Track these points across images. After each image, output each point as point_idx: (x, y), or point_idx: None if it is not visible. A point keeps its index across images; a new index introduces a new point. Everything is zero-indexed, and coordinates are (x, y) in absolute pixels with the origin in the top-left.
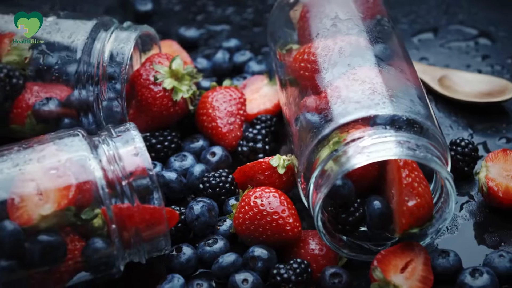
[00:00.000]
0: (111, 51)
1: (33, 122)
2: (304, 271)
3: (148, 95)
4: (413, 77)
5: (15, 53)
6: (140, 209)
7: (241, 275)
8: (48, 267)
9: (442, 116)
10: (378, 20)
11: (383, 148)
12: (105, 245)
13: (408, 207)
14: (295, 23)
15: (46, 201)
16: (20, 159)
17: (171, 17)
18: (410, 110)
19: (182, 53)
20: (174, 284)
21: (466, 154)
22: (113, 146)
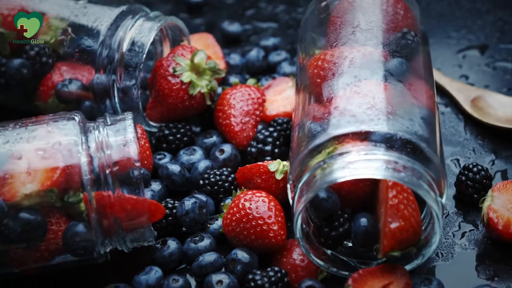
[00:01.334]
0: (132, 39)
1: (55, 101)
2: (280, 280)
3: (165, 86)
4: (425, 96)
5: (50, 33)
6: (121, 199)
7: (217, 276)
8: (26, 244)
9: (468, 138)
10: (403, 34)
11: (368, 165)
12: (85, 229)
13: (390, 229)
14: (324, 29)
15: (32, 181)
16: (11, 137)
17: (221, 10)
18: (406, 129)
19: (215, 47)
20: (150, 276)
21: (476, 180)
22: (105, 133)
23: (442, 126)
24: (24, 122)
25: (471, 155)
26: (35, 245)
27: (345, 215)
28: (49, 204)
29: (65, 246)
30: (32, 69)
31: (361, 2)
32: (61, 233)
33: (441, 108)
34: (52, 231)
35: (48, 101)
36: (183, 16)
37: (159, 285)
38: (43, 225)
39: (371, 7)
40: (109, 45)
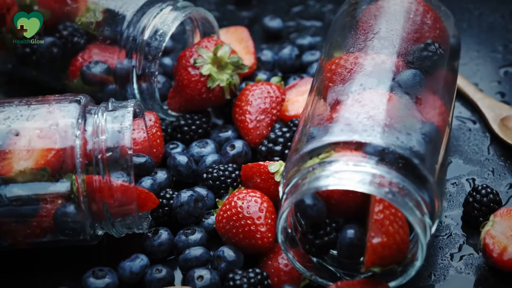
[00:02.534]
0: (155, 27)
1: (80, 82)
2: (259, 282)
3: (185, 77)
4: (434, 112)
5: (86, 15)
6: (110, 185)
7: (200, 271)
8: (16, 219)
9: (490, 158)
10: (425, 45)
11: (352, 177)
12: (74, 211)
13: (372, 244)
14: (347, 32)
15: (27, 158)
16: (13, 113)
17: (268, 5)
18: (401, 144)
19: (248, 42)
20: (135, 263)
21: (483, 203)
22: (103, 119)
23: (466, 143)
24: (29, 100)
25: (488, 176)
26: (25, 220)
27: (333, 224)
28: (41, 182)
29: (55, 225)
30: (63, 48)
31: (388, 9)
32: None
33: (469, 124)
34: (45, 209)
35: (74, 81)
36: (230, 8)
37: (142, 273)
38: (34, 201)
39: (397, 15)
40: (132, 32)
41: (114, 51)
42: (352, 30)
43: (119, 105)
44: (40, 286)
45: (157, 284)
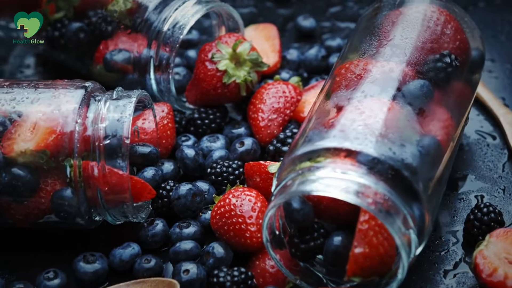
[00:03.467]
0: (175, 20)
1: (103, 69)
2: (243, 281)
3: (201, 70)
4: (438, 126)
5: (116, 3)
6: (104, 172)
7: (187, 265)
8: (14, 198)
9: (503, 176)
10: (440, 55)
11: (336, 184)
12: (71, 195)
13: (353, 254)
14: (364, 37)
15: (29, 140)
16: (20, 95)
17: (307, 4)
18: (393, 155)
19: (274, 40)
20: (126, 251)
21: (484, 222)
22: (105, 107)
23: (481, 158)
24: (38, 84)
25: (498, 195)
26: (24, 200)
27: (322, 230)
28: (40, 164)
29: (52, 208)
30: (90, 34)
31: (408, 16)
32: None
33: (489, 139)
34: (45, 191)
35: (97, 68)
36: (268, 5)
37: (132, 261)
38: (32, 183)
39: (415, 22)
40: (153, 22)
41: (137, 41)
42: (368, 35)
43: (124, 94)
44: (34, 264)
45: (144, 273)
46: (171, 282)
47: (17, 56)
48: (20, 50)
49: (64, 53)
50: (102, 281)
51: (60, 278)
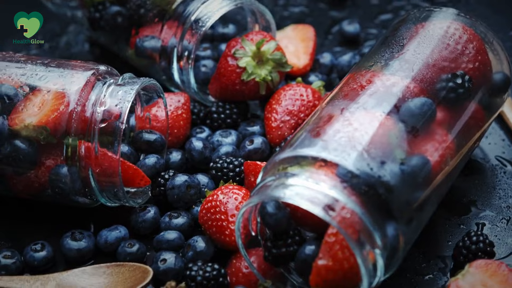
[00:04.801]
0: (201, 13)
1: (134, 54)
2: (214, 278)
3: (223, 65)
4: (434, 148)
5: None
6: (97, 154)
7: (165, 255)
8: (13, 169)
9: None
10: (453, 75)
11: (304, 193)
12: (66, 173)
13: (316, 265)
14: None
15: (34, 115)
16: (30, 71)
17: (360, 8)
18: (369, 171)
19: (309, 42)
20: (111, 234)
21: (471, 251)
22: (108, 91)
23: (493, 185)
24: (51, 62)
25: (501, 225)
26: (24, 172)
27: (297, 237)
28: (39, 139)
29: (48, 183)
30: (128, 19)
31: (428, 31)
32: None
33: (508, 167)
34: (45, 166)
35: (130, 52)
36: (321, 6)
37: (117, 244)
38: (32, 156)
39: (432, 38)
40: (180, 14)
41: (165, 30)
42: (384, 46)
43: (130, 81)
44: (29, 235)
45: (127, 257)
46: (146, 269)
47: (71, 33)
48: (75, 27)
49: (104, 35)
50: (87, 259)
51: (46, 251)
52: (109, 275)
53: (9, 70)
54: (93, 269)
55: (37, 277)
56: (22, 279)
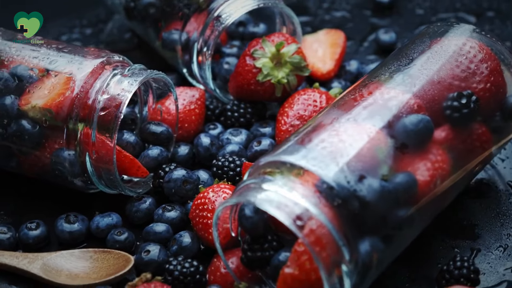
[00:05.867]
0: (224, 10)
1: (161, 45)
2: (191, 274)
3: (241, 64)
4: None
5: None
6: (94, 141)
7: (149, 246)
8: (17, 147)
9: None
10: (458, 94)
11: (275, 200)
12: (66, 156)
13: (283, 272)
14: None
15: (42, 98)
16: (42, 55)
17: (402, 17)
18: (346, 184)
19: (337, 48)
20: (103, 220)
21: (453, 275)
22: (112, 80)
23: (500, 210)
24: (64, 47)
25: (496, 252)
26: (28, 152)
27: (274, 243)
28: (43, 121)
29: (50, 165)
30: (160, 11)
31: (440, 48)
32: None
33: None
34: (49, 148)
35: (157, 44)
36: (365, 12)
37: (108, 230)
38: (36, 137)
39: (444, 55)
40: (205, 8)
41: (190, 24)
42: (395, 58)
43: (137, 72)
44: (30, 213)
45: (116, 245)
46: (129, 257)
47: (116, 20)
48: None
49: (137, 25)
50: (80, 242)
51: (40, 231)
52: (95, 260)
53: (24, 52)
54: (81, 253)
55: (27, 254)
56: (12, 255)
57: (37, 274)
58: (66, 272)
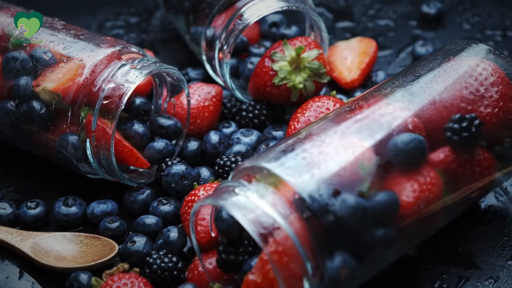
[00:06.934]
0: (247, 10)
1: (190, 39)
2: (168, 269)
3: (259, 65)
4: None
5: None
6: (94, 129)
7: (136, 237)
8: (26, 126)
9: (509, 266)
10: (460, 118)
11: (244, 207)
12: (70, 140)
13: (247, 279)
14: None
15: (55, 81)
16: (59, 40)
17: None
18: (318, 197)
19: (365, 57)
20: (99, 207)
21: None
22: (119, 70)
23: (496, 241)
24: (81, 34)
25: (485, 284)
26: (37, 132)
27: (250, 248)
28: (51, 104)
29: (55, 148)
30: (194, 5)
31: (450, 67)
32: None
33: None
34: (56, 132)
35: (187, 37)
36: (411, 23)
37: (102, 217)
38: (44, 118)
39: (451, 75)
40: (231, 5)
41: (216, 19)
42: (403, 73)
43: (145, 65)
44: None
45: (105, 231)
46: (114, 246)
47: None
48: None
49: (174, 17)
50: (76, 225)
51: (38, 210)
52: (85, 245)
53: (42, 35)
54: (73, 236)
55: (21, 232)
56: (8, 231)
57: (26, 252)
58: (55, 253)
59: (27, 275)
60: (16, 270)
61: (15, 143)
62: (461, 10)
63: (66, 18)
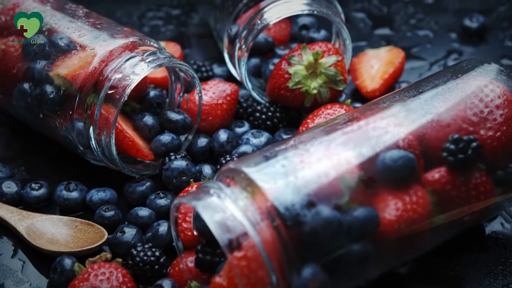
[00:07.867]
0: (269, 11)
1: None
2: (150, 263)
3: (277, 67)
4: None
5: None
6: (97, 118)
7: (126, 228)
8: (37, 110)
9: None
10: (457, 139)
11: (216, 210)
12: (76, 127)
13: (213, 281)
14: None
15: (68, 67)
16: (76, 28)
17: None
18: (290, 206)
19: (389, 67)
20: (97, 194)
21: None
22: (128, 62)
23: (491, 268)
24: (99, 23)
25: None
26: (49, 115)
27: None
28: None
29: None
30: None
31: (456, 85)
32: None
33: None
34: (65, 117)
35: (215, 33)
36: (451, 35)
37: (99, 204)
38: (55, 103)
39: (454, 94)
40: (253, 6)
41: (240, 18)
42: (407, 88)
43: (156, 58)
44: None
45: (99, 219)
46: (104, 235)
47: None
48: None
49: (207, 13)
50: (76, 210)
51: (41, 192)
52: (79, 230)
53: (61, 21)
54: (69, 221)
55: (21, 211)
56: (8, 209)
57: (20, 232)
58: (49, 236)
59: (20, 254)
60: (11, 248)
61: (30, 125)
62: (506, 26)
63: (111, 6)
